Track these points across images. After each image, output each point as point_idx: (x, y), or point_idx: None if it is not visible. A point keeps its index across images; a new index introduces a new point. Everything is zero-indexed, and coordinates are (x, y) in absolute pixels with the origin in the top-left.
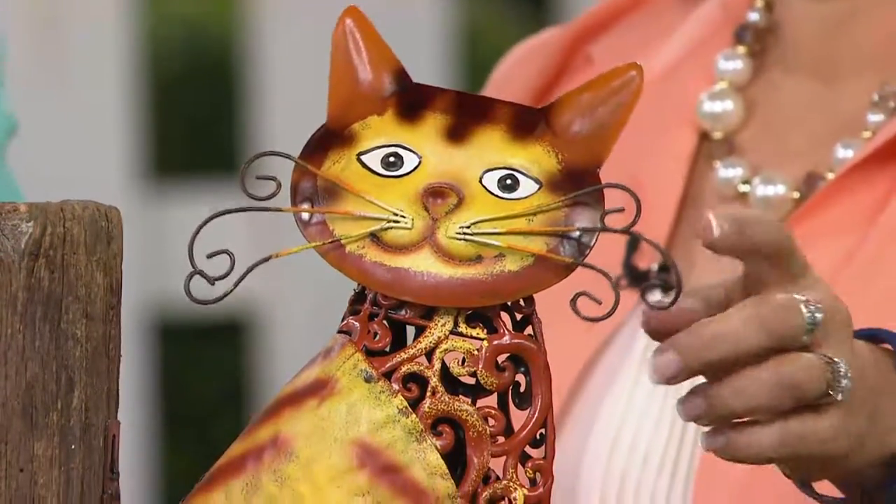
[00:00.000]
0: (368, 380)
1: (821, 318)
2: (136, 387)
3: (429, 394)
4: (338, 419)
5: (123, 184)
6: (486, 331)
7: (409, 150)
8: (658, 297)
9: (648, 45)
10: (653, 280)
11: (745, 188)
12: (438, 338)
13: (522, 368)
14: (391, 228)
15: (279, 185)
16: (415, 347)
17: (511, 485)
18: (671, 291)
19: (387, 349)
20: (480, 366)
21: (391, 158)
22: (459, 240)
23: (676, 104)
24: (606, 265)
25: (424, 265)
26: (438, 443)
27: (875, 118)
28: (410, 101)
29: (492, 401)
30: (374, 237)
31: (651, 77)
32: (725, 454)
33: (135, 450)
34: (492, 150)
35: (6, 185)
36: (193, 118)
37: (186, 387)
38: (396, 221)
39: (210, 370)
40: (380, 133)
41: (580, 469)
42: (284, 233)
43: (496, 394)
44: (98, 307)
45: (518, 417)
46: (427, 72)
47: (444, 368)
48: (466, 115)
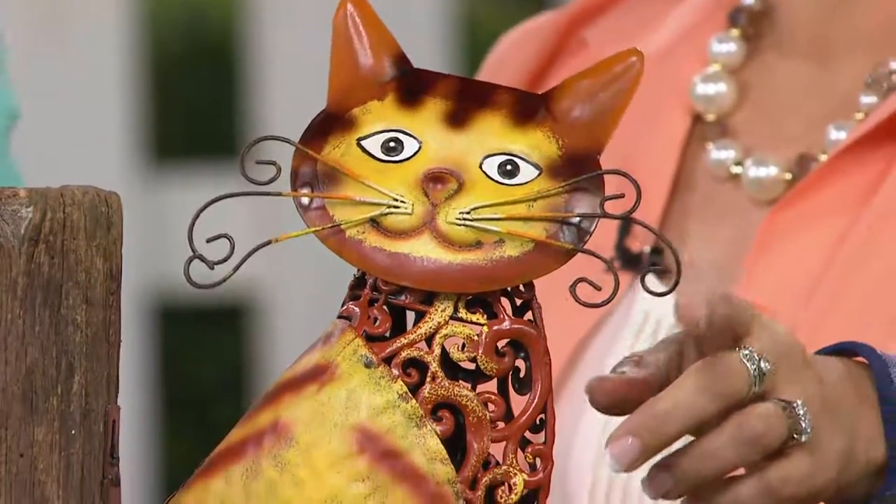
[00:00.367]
0: (368, 365)
1: (768, 368)
2: (137, 371)
3: (429, 379)
4: (338, 404)
5: (123, 168)
6: (486, 316)
7: (410, 136)
8: (655, 283)
9: (643, 29)
10: (652, 267)
11: (738, 170)
12: (438, 323)
13: (522, 354)
14: (391, 214)
15: (279, 170)
16: (415, 333)
17: (511, 470)
18: (665, 275)
19: (387, 334)
20: (480, 351)
21: (391, 143)
22: (459, 225)
23: (670, 87)
24: (599, 248)
25: (424, 250)
26: (438, 428)
27: (868, 100)
28: (411, 87)
29: (492, 386)
30: (374, 222)
31: (645, 60)
32: None
33: (135, 434)
34: (492, 136)
35: (8, 173)
36: (194, 102)
37: (186, 371)
38: (396, 207)
39: (210, 355)
40: (380, 118)
41: (572, 450)
42: (285, 217)
43: (496, 379)
44: (98, 292)
45: (518, 403)
46: (426, 59)
47: (444, 354)
48: (467, 101)
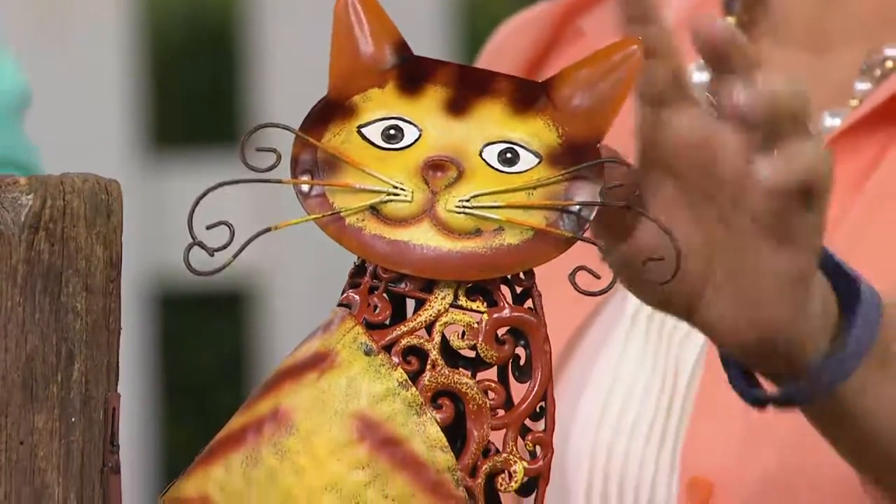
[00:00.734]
0: (368, 353)
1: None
2: (136, 358)
3: (429, 367)
4: (338, 392)
5: (124, 155)
6: (486, 304)
7: (410, 123)
8: (655, 273)
9: None
10: (653, 255)
11: None
12: (438, 311)
13: (522, 342)
14: (391, 201)
15: (279, 157)
16: (415, 320)
17: (511, 458)
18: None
19: (387, 322)
20: (480, 339)
21: (391, 131)
22: (459, 213)
23: None
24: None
25: (424, 238)
26: (438, 416)
27: (862, 86)
28: (411, 74)
29: (492, 374)
30: (374, 210)
31: None
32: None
33: (135, 421)
34: (492, 124)
35: (25, 150)
36: (194, 90)
37: (186, 358)
38: (396, 194)
39: (210, 342)
40: (380, 105)
41: (569, 438)
42: (285, 205)
43: (496, 367)
44: (98, 280)
45: (518, 390)
46: (427, 47)
47: (444, 341)
48: (467, 89)
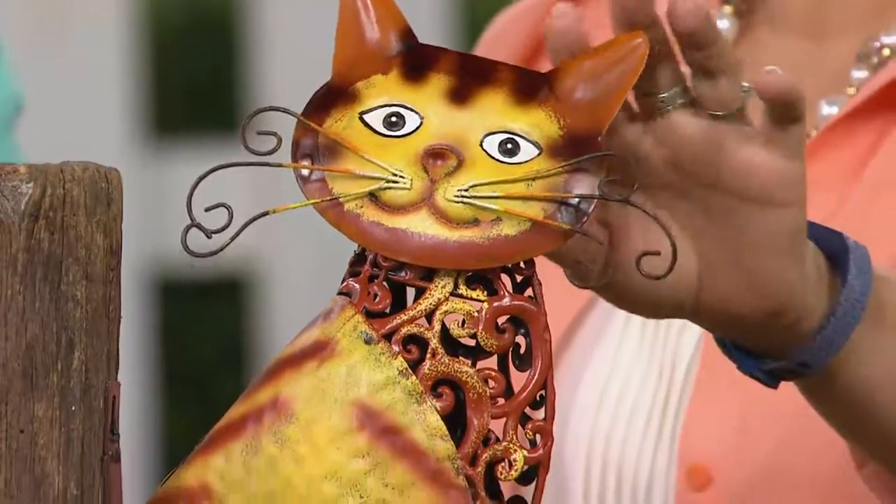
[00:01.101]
0: (368, 341)
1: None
2: (136, 346)
3: (429, 355)
4: (338, 381)
5: (124, 142)
6: (487, 292)
7: (412, 111)
8: (651, 266)
9: None
10: (646, 252)
11: None
12: (438, 299)
13: (522, 330)
14: (390, 188)
15: (280, 141)
16: (415, 309)
17: (511, 446)
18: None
19: (387, 311)
20: (480, 327)
21: (393, 118)
22: (457, 202)
23: None
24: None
25: (422, 226)
26: (438, 404)
27: (859, 74)
28: (415, 62)
29: (492, 362)
30: (373, 196)
31: None
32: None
33: (135, 410)
34: (494, 114)
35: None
36: (194, 76)
37: (186, 346)
38: (395, 181)
39: (210, 329)
40: (383, 92)
41: (567, 426)
42: (285, 190)
43: (496, 355)
44: (98, 269)
45: (518, 379)
46: (427, 33)
47: (445, 330)
48: (470, 78)
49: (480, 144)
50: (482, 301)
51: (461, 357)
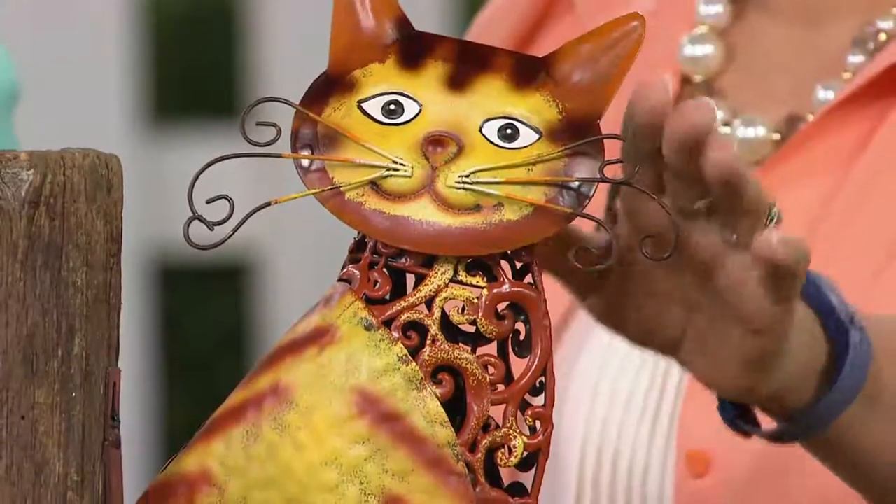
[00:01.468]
0: (368, 328)
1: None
2: (137, 332)
3: (429, 342)
4: (338, 367)
5: (124, 128)
6: (486, 279)
7: (410, 98)
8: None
9: None
10: (651, 232)
11: (726, 130)
12: (438, 286)
13: (522, 317)
14: (391, 176)
15: (279, 131)
16: (415, 296)
17: (511, 432)
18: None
19: (387, 297)
20: (480, 314)
21: (392, 106)
22: (458, 189)
23: (658, 49)
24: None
25: (423, 213)
26: (438, 391)
27: (855, 59)
28: (412, 49)
29: (491, 349)
30: (374, 185)
31: None
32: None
33: (135, 396)
34: (492, 99)
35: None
36: (194, 63)
37: (187, 332)
38: (396, 169)
39: (211, 315)
40: (381, 80)
41: (562, 414)
42: (285, 179)
43: (496, 342)
44: (98, 255)
45: (518, 365)
46: (426, 19)
47: (444, 317)
48: (467, 64)
49: (480, 130)
50: (482, 287)
51: (461, 343)
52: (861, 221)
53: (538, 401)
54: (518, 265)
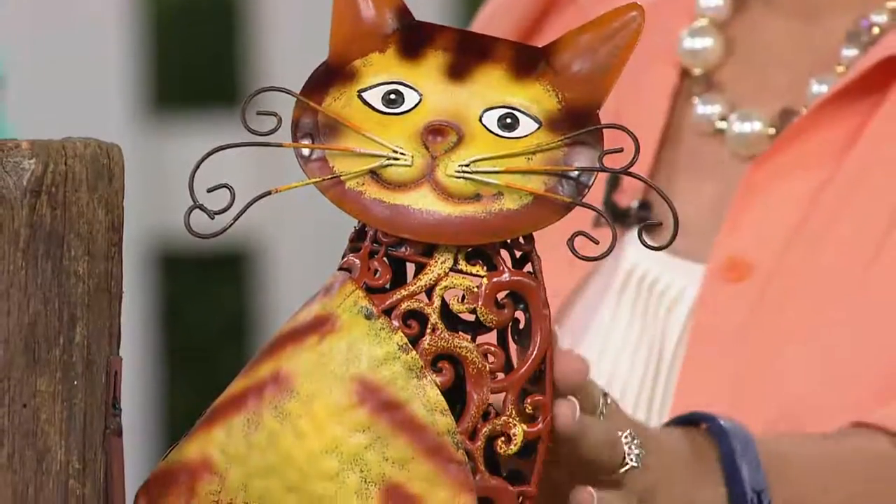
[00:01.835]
0: (369, 317)
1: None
2: (138, 321)
3: (429, 331)
4: (338, 356)
5: (125, 118)
6: (486, 268)
7: (410, 88)
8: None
9: None
10: (646, 222)
11: (723, 125)
12: (438, 275)
13: (522, 305)
14: (391, 165)
15: (280, 121)
16: (415, 284)
17: (510, 421)
18: (656, 230)
19: (387, 286)
20: (480, 303)
21: (392, 96)
22: (458, 178)
23: (658, 41)
24: (587, 201)
25: (423, 203)
26: (438, 379)
27: (849, 53)
28: (412, 39)
29: (491, 338)
30: (374, 174)
31: None
32: None
33: (137, 384)
34: (492, 89)
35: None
36: (195, 52)
37: (188, 320)
38: (396, 158)
39: (212, 303)
40: (381, 70)
41: None
42: (286, 168)
43: (496, 331)
44: (100, 244)
45: (517, 354)
46: (426, 9)
47: (444, 305)
48: (467, 54)
49: (480, 120)
50: (482, 276)
51: (461, 332)
52: (852, 214)
53: (538, 389)
54: (518, 254)
